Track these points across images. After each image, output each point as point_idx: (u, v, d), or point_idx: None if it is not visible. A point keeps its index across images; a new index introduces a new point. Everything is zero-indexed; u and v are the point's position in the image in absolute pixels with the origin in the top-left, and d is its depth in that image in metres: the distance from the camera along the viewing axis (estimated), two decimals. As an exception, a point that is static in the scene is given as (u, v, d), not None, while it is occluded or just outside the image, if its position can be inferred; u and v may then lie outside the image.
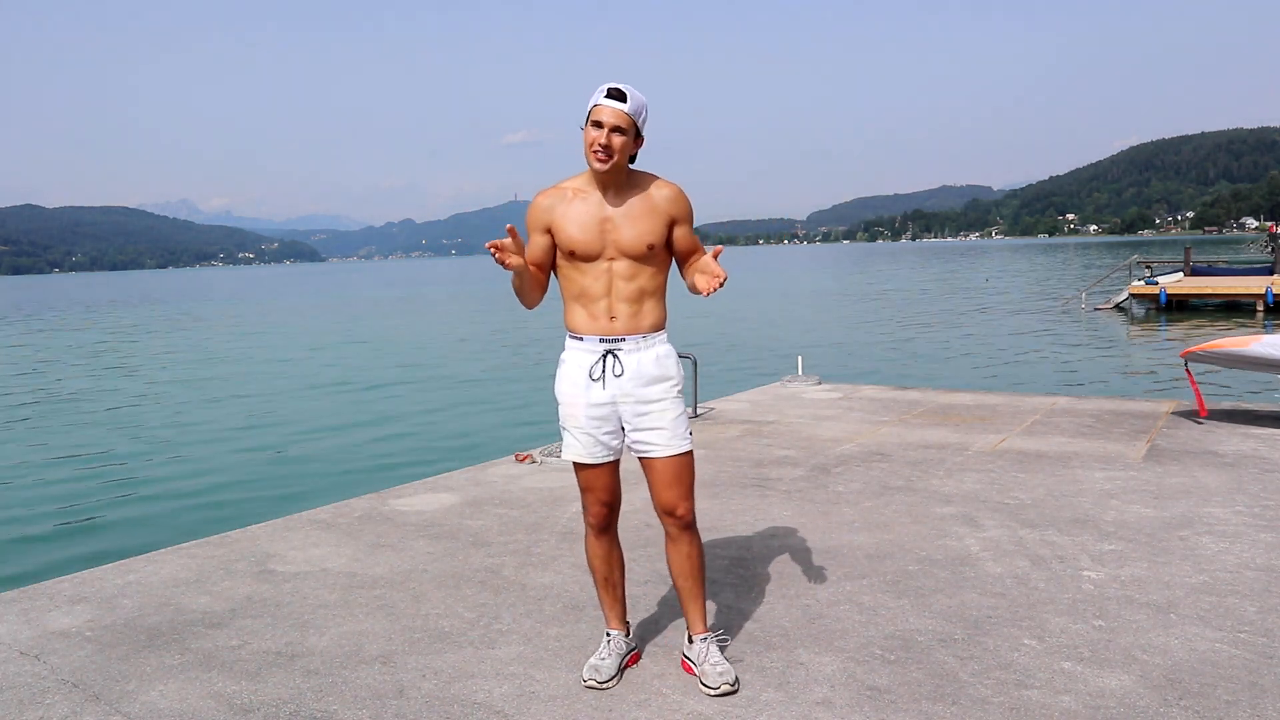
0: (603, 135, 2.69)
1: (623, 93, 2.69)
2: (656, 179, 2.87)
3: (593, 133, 2.70)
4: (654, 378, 2.84)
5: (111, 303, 68.38)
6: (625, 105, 2.69)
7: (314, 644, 3.30)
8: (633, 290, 2.82)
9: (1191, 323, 24.73)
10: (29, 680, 3.07)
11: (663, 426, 2.84)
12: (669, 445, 2.85)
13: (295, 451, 11.85)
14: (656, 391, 2.84)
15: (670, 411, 2.85)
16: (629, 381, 2.82)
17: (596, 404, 2.85)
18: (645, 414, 2.84)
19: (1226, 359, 7.15)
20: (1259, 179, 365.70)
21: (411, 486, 5.68)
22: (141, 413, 15.67)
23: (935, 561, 3.97)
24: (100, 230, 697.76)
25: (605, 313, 2.82)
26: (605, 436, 2.88)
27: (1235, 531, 4.25)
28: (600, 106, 2.69)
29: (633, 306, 2.83)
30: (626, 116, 2.70)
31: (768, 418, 7.58)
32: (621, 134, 2.70)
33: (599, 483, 2.94)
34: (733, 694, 2.81)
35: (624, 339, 2.83)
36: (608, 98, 2.69)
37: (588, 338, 2.85)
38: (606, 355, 2.83)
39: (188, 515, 8.75)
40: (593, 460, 2.90)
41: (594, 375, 2.84)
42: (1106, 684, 2.82)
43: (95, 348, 29.69)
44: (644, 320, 2.84)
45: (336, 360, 23.01)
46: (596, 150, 2.70)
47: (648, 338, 2.85)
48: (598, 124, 2.69)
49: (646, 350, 2.84)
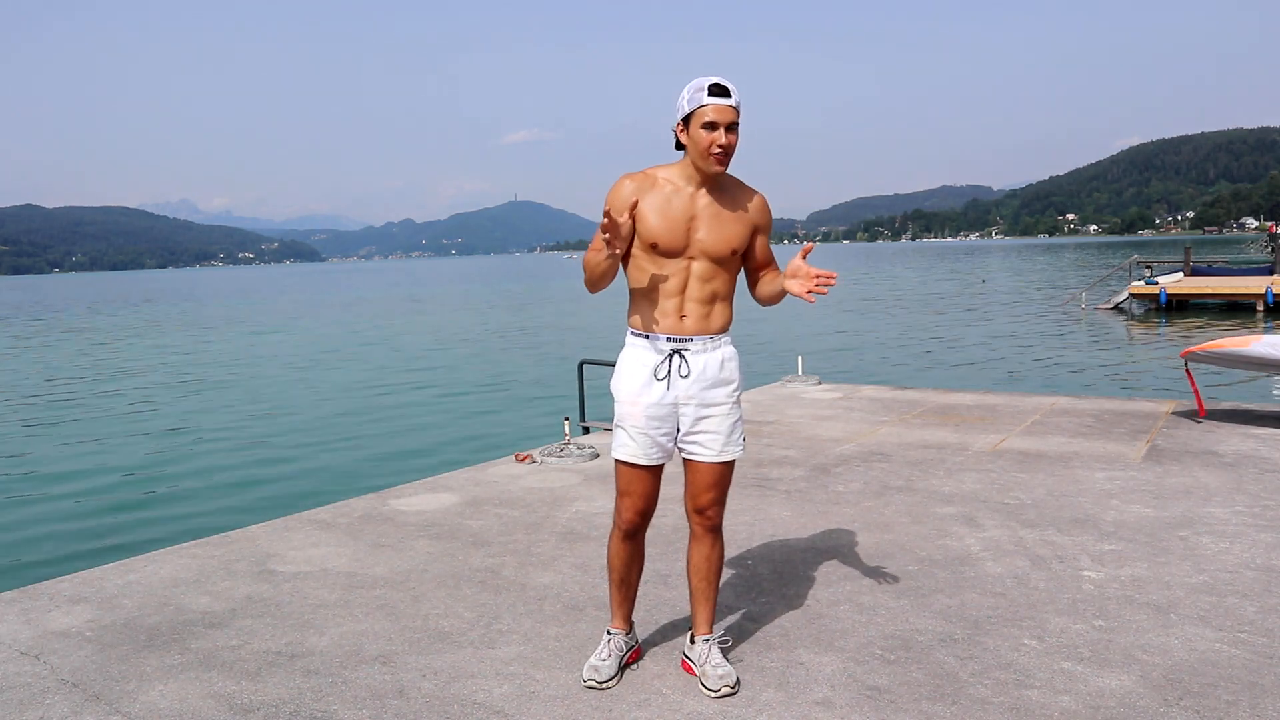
0: (721, 136, 2.60)
1: (727, 88, 2.59)
2: (743, 184, 2.82)
3: (707, 135, 2.60)
4: (718, 380, 2.79)
5: (112, 303, 68.36)
6: (733, 99, 2.60)
7: (314, 644, 3.30)
8: (707, 292, 2.76)
9: (1191, 323, 24.73)
10: (29, 680, 3.07)
11: (719, 431, 2.80)
12: (722, 451, 2.81)
13: (295, 451, 11.85)
14: (718, 395, 2.79)
15: (730, 416, 2.82)
16: (694, 384, 2.76)
17: (657, 404, 2.77)
18: (705, 417, 2.79)
19: (1226, 359, 7.15)
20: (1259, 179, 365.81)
21: (411, 486, 5.68)
22: (141, 413, 15.67)
23: (935, 561, 3.97)
24: (100, 230, 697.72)
25: (676, 311, 2.75)
26: (662, 438, 2.80)
27: (1235, 531, 4.25)
28: (712, 106, 2.58)
29: (705, 308, 2.76)
30: (736, 112, 2.61)
31: (768, 418, 7.58)
32: (735, 131, 2.63)
33: (640, 487, 2.85)
34: (732, 695, 2.81)
35: (692, 339, 2.76)
36: (714, 95, 2.58)
37: (654, 336, 2.77)
38: (674, 355, 2.76)
39: (188, 515, 8.75)
40: (646, 461, 2.81)
41: (659, 375, 2.76)
42: (1106, 684, 2.82)
43: (96, 348, 29.69)
44: (714, 322, 2.78)
45: (337, 360, 23.00)
46: (716, 153, 2.61)
47: (715, 339, 2.79)
48: (712, 125, 2.59)
49: (713, 352, 2.78)
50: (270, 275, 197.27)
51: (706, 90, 2.58)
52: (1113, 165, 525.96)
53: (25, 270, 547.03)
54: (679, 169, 2.74)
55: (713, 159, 2.63)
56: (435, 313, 42.67)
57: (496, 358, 22.40)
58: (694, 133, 2.62)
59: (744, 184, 2.82)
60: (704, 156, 2.64)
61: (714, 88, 2.58)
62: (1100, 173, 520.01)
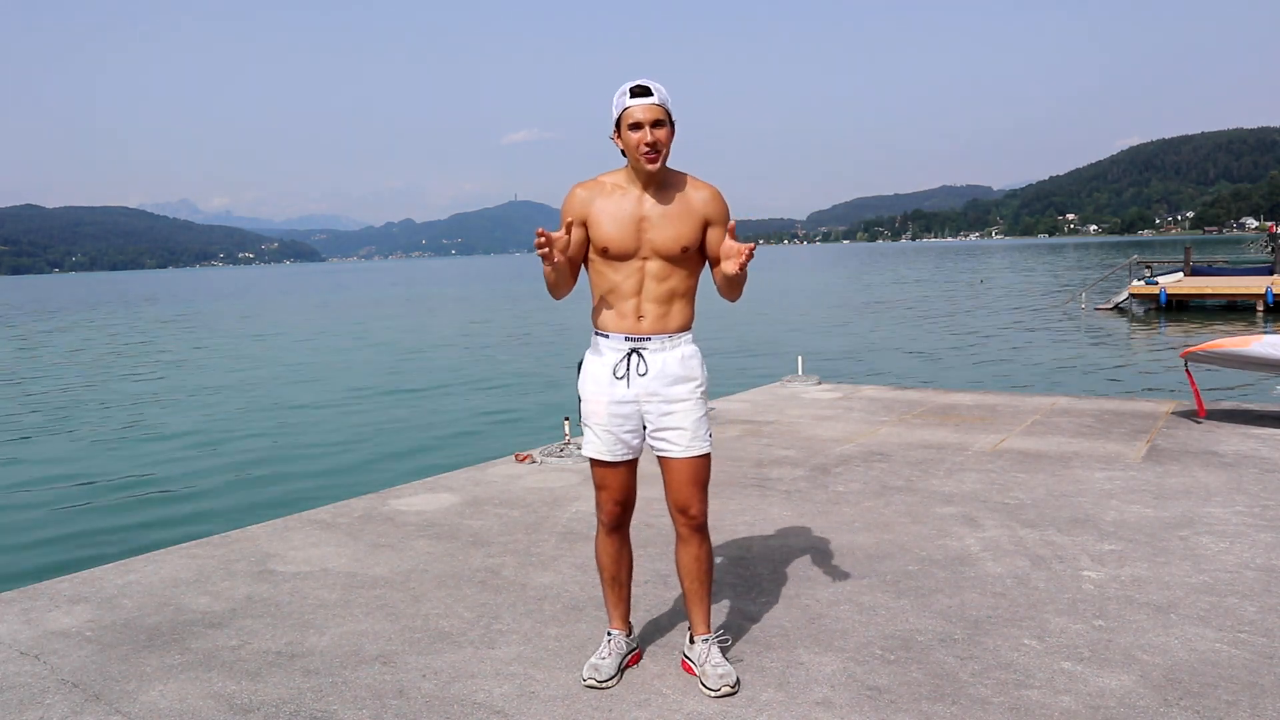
0: (647, 134, 2.67)
1: (647, 87, 2.67)
2: (692, 179, 2.86)
3: (635, 135, 2.68)
4: (678, 378, 2.84)
5: (112, 303, 68.37)
6: (655, 98, 2.67)
7: (314, 644, 3.30)
8: (663, 291, 2.82)
9: (1191, 323, 24.73)
10: (29, 680, 3.07)
11: (684, 427, 2.84)
12: (689, 446, 2.85)
13: (295, 451, 11.85)
14: (680, 392, 2.84)
15: (694, 412, 2.85)
16: (653, 381, 2.82)
17: (619, 402, 2.85)
18: (668, 414, 2.84)
19: (1226, 359, 7.15)
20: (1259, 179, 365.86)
21: (411, 486, 5.68)
22: (141, 413, 15.67)
23: (935, 561, 3.97)
24: (100, 230, 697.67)
25: (633, 311, 2.82)
26: (626, 435, 2.88)
27: (1235, 531, 4.25)
28: (633, 108, 2.67)
29: (662, 307, 2.83)
30: (660, 108, 2.68)
31: (768, 418, 7.58)
32: (661, 126, 2.68)
33: (614, 481, 2.94)
34: (733, 695, 2.81)
35: (650, 338, 2.82)
36: (635, 97, 2.67)
37: (614, 335, 2.85)
38: (631, 354, 2.83)
39: (188, 515, 8.76)
40: (612, 458, 2.90)
41: (618, 373, 2.84)
42: (1106, 684, 2.82)
43: (96, 347, 29.69)
44: (671, 321, 2.84)
45: (337, 360, 23.00)
46: (645, 151, 2.68)
47: (673, 338, 2.85)
48: (637, 125, 2.67)
49: (672, 350, 2.84)
50: (270, 275, 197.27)
51: (629, 93, 2.68)
52: (1113, 165, 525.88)
53: (25, 270, 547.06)
54: (625, 173, 2.83)
55: (644, 158, 2.70)
56: (435, 313, 42.67)
57: (496, 357, 22.40)
58: (624, 136, 2.71)
59: (696, 180, 2.86)
60: (635, 157, 2.71)
61: (635, 89, 2.68)
62: (1100, 173, 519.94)
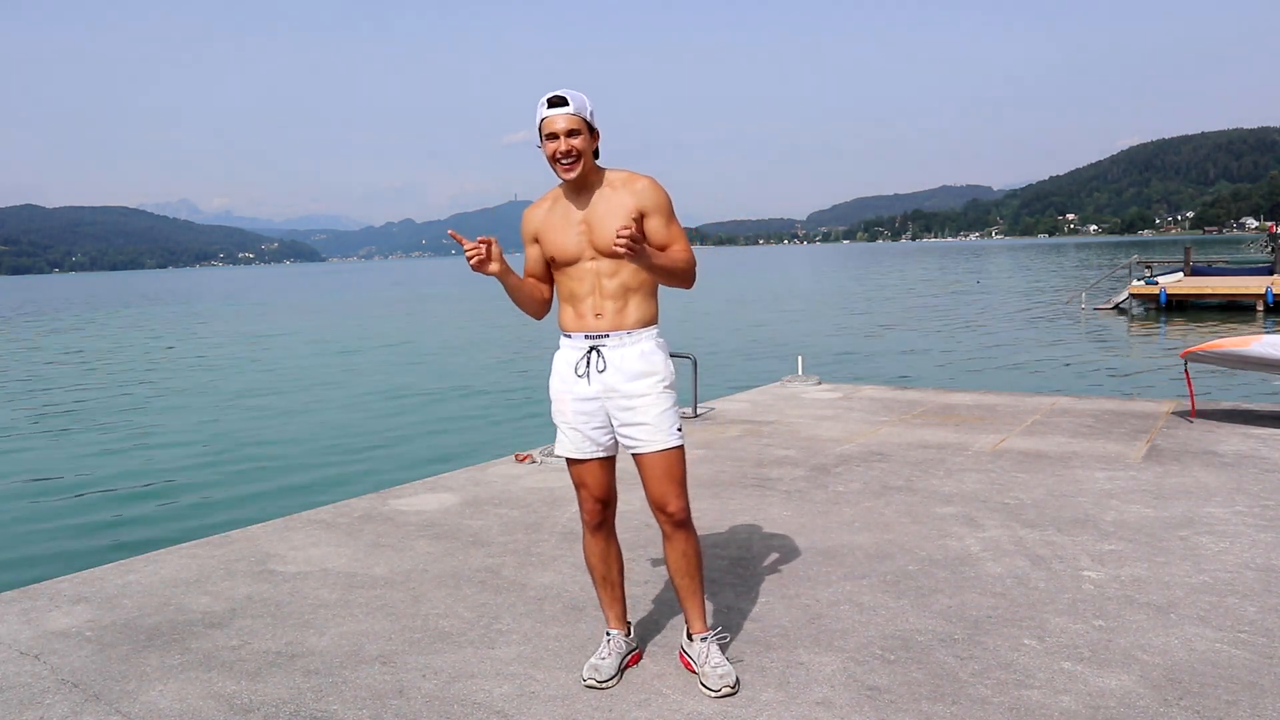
0: (560, 143, 2.75)
1: (563, 98, 2.75)
2: (629, 174, 2.89)
3: (551, 144, 2.76)
4: (638, 373, 2.86)
5: (112, 303, 68.37)
6: (569, 108, 2.74)
7: (314, 644, 3.30)
8: (616, 287, 2.85)
9: (1191, 323, 24.73)
10: (29, 680, 3.07)
11: (647, 422, 2.86)
12: (654, 440, 2.87)
13: (295, 451, 11.85)
14: (641, 386, 2.86)
15: (655, 406, 2.86)
16: (613, 376, 2.86)
17: (582, 399, 2.90)
18: (630, 409, 2.86)
19: (1226, 359, 7.15)
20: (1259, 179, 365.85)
21: (411, 486, 5.68)
22: (141, 413, 15.66)
23: (935, 561, 3.97)
24: (100, 230, 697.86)
25: (591, 310, 2.87)
26: (594, 432, 2.92)
27: (1235, 531, 4.25)
28: (548, 118, 2.75)
29: (617, 303, 2.86)
30: (574, 117, 2.75)
31: (768, 418, 7.58)
32: (577, 135, 2.75)
33: (590, 478, 2.98)
34: (733, 695, 2.81)
35: (608, 335, 2.86)
36: (551, 108, 2.75)
37: (574, 334, 2.91)
38: (591, 351, 2.88)
39: (188, 515, 8.75)
40: (581, 455, 2.95)
41: (579, 371, 2.89)
42: (1106, 684, 2.82)
43: (96, 347, 29.69)
44: (629, 317, 2.87)
45: (337, 360, 23.00)
46: (560, 160, 2.77)
47: (632, 334, 2.87)
48: (553, 135, 2.75)
49: (631, 346, 2.87)
50: (270, 275, 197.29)
51: (545, 104, 2.75)
52: (1113, 165, 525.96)
53: (25, 270, 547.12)
54: (565, 184, 2.87)
55: (560, 167, 2.78)
56: (435, 313, 42.67)
57: (496, 357, 22.39)
58: (544, 147, 2.79)
59: (631, 174, 2.88)
60: (553, 165, 2.80)
61: (551, 100, 2.75)
62: (1100, 173, 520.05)
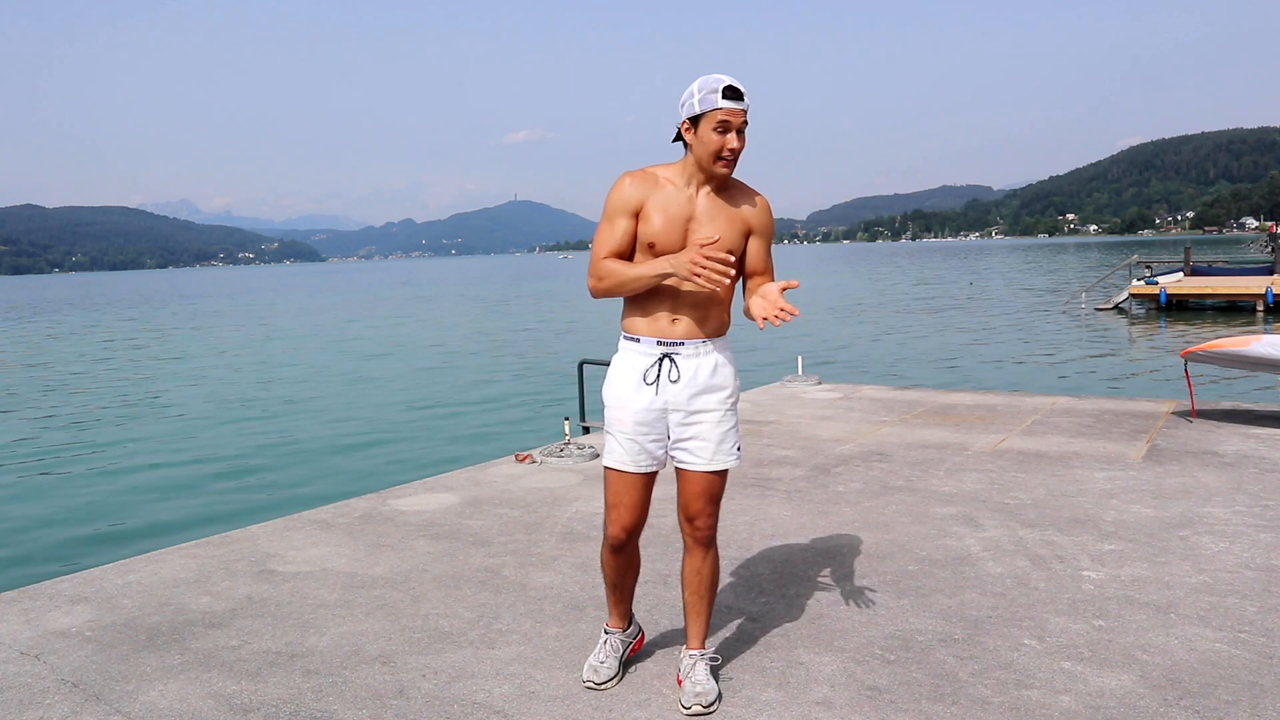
0: (734, 139, 2.55)
1: (740, 90, 2.54)
2: (744, 185, 2.73)
3: (720, 138, 2.55)
4: (709, 386, 2.70)
5: (113, 304, 68.38)
6: (746, 102, 2.55)
7: (314, 644, 3.30)
8: (702, 296, 2.66)
9: (1191, 323, 24.73)
10: (29, 680, 3.07)
11: (707, 439, 2.71)
12: (712, 460, 2.72)
13: (295, 451, 11.85)
14: (709, 401, 2.70)
15: (721, 424, 2.72)
16: (684, 389, 2.68)
17: (646, 409, 2.70)
18: (694, 424, 2.71)
19: (1226, 359, 7.15)
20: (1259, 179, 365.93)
21: (411, 486, 5.68)
22: (141, 412, 15.67)
23: (935, 561, 3.97)
24: (100, 230, 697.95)
25: (669, 314, 2.68)
26: (651, 444, 2.73)
27: (1235, 531, 4.25)
28: (725, 109, 2.52)
29: (699, 312, 2.68)
30: (746, 115, 2.57)
31: (768, 418, 7.58)
32: (743, 135, 2.58)
33: (629, 498, 2.78)
34: (706, 715, 2.68)
35: (683, 343, 2.68)
36: (728, 98, 2.52)
37: (645, 339, 2.71)
38: (663, 359, 2.69)
39: (188, 515, 8.76)
40: (635, 469, 2.74)
41: (648, 379, 2.70)
42: (1106, 684, 2.82)
43: (96, 347, 29.68)
44: (707, 326, 2.70)
45: (337, 360, 23.00)
46: (726, 156, 2.57)
47: (707, 343, 2.71)
48: (725, 127, 2.54)
49: (705, 357, 2.70)
50: (270, 275, 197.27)
51: (721, 92, 2.52)
52: (1113, 165, 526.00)
53: (25, 270, 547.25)
54: (680, 168, 2.67)
55: (721, 162, 2.59)
56: (435, 313, 42.66)
57: (497, 357, 22.39)
58: (703, 134, 2.56)
59: (747, 187, 2.73)
60: (712, 159, 2.58)
61: (729, 90, 2.52)
62: (1100, 173, 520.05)
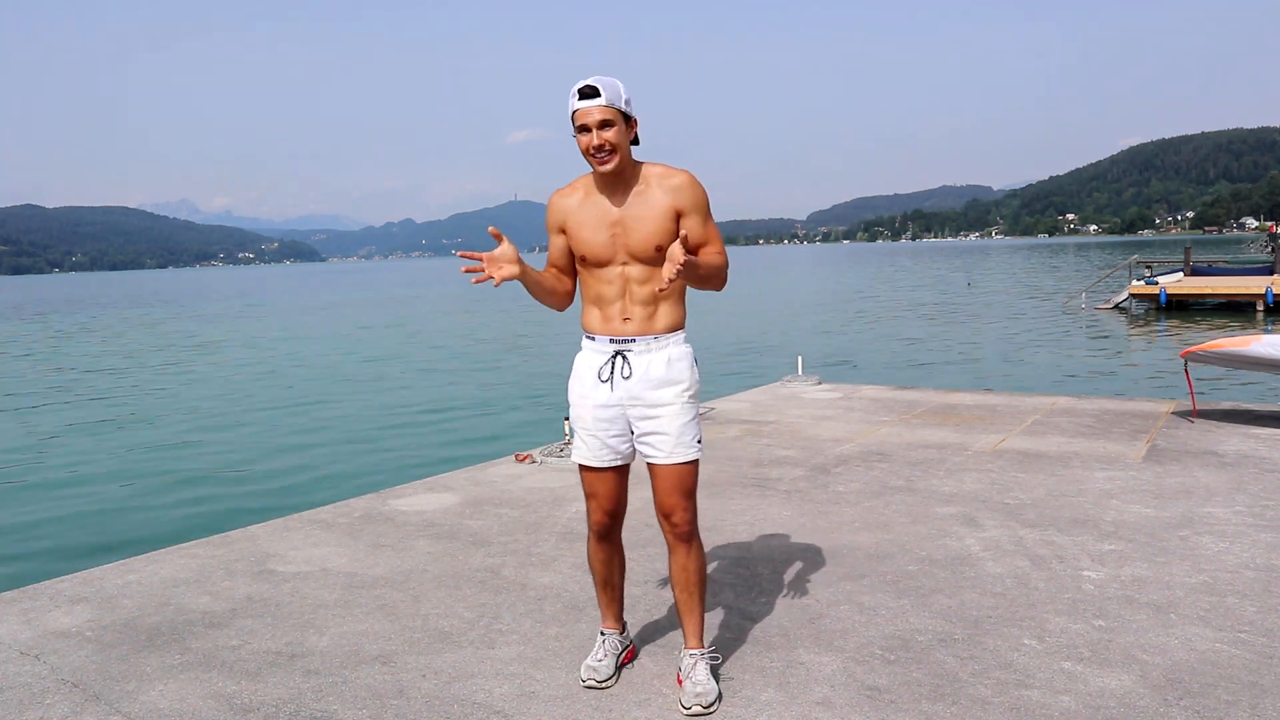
0: (594, 137, 2.60)
1: (594, 88, 2.58)
2: (665, 168, 2.75)
3: (583, 138, 2.62)
4: (663, 380, 2.75)
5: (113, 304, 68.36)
6: (601, 98, 2.58)
7: (314, 644, 3.30)
8: (647, 293, 2.74)
9: (1191, 323, 24.73)
10: (29, 680, 3.07)
11: (667, 433, 2.76)
12: (672, 453, 2.76)
13: (295, 451, 11.85)
14: (665, 395, 2.75)
15: (678, 417, 2.76)
16: (637, 384, 2.75)
17: (604, 405, 2.79)
18: (652, 418, 2.76)
19: (1226, 359, 7.15)
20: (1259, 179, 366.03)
21: (411, 486, 5.68)
22: (141, 413, 15.66)
23: (935, 561, 3.97)
24: (100, 230, 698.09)
25: (619, 314, 2.76)
26: (613, 440, 2.81)
27: (1235, 531, 4.25)
28: (579, 110, 2.60)
29: (647, 308, 2.75)
30: (607, 109, 2.59)
31: (768, 418, 7.58)
32: (610, 127, 2.60)
33: (602, 489, 2.87)
34: (706, 715, 2.69)
35: (634, 340, 2.76)
36: (582, 99, 2.59)
37: (599, 338, 2.80)
38: (616, 356, 2.77)
39: (188, 515, 8.75)
40: (599, 464, 2.84)
41: (602, 376, 2.79)
42: (1106, 684, 2.82)
43: (97, 347, 29.68)
44: (658, 322, 2.76)
45: (337, 360, 23.00)
46: (594, 154, 2.62)
47: (660, 339, 2.77)
48: (584, 128, 2.61)
49: (658, 352, 2.77)
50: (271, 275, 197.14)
51: (576, 95, 2.60)
52: (1113, 165, 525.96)
53: (25, 270, 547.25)
54: (596, 175, 2.72)
55: (595, 161, 2.64)
56: (435, 313, 42.65)
57: (497, 357, 22.39)
58: (577, 139, 2.64)
59: (668, 169, 2.75)
60: (588, 160, 2.66)
61: (582, 90, 2.59)
62: (1100, 173, 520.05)
